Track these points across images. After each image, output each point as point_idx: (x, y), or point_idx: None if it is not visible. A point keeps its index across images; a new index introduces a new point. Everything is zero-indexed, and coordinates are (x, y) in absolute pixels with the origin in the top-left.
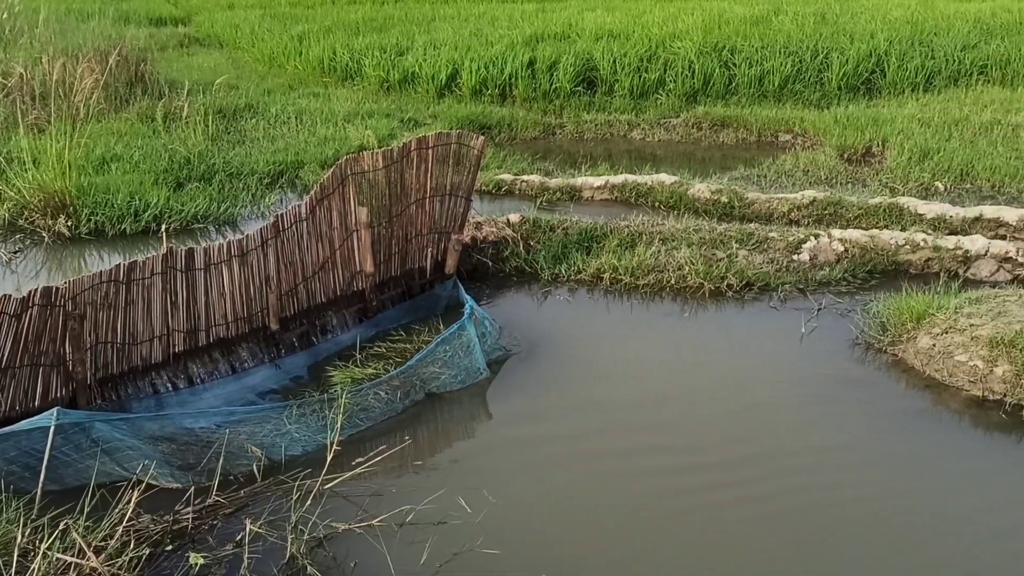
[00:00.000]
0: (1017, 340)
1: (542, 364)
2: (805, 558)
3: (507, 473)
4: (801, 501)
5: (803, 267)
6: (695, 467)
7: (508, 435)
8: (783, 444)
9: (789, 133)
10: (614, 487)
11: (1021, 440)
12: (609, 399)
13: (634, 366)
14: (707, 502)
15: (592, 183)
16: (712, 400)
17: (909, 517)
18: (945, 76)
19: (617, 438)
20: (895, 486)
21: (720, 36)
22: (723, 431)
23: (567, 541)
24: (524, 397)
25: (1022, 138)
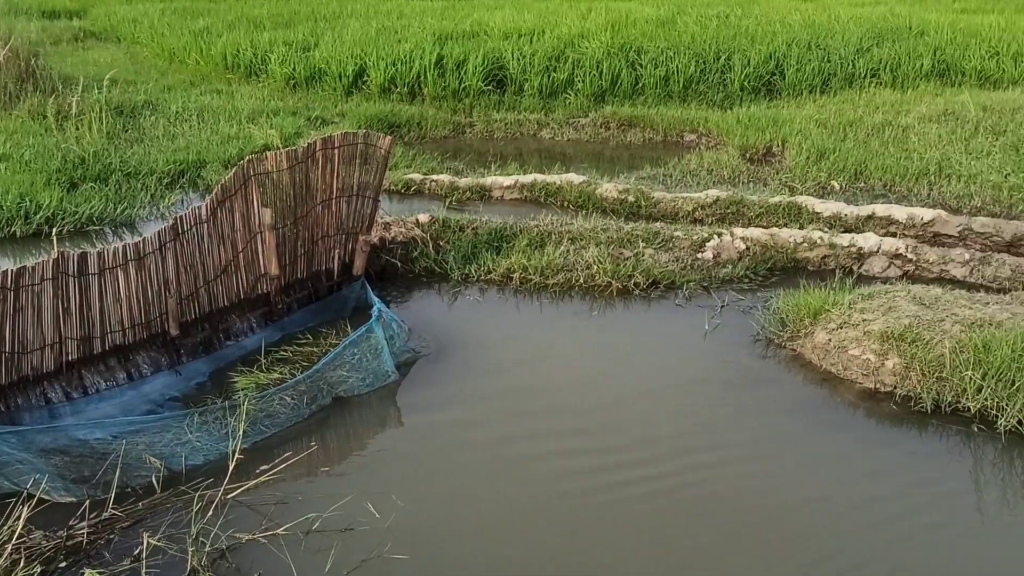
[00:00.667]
0: (906, 334)
1: (452, 366)
2: (707, 545)
3: (416, 476)
4: (704, 492)
5: (707, 265)
6: (606, 464)
7: (417, 438)
8: (689, 439)
9: (694, 133)
10: (525, 487)
11: (911, 430)
12: (519, 400)
13: (544, 366)
14: (618, 497)
15: (502, 182)
16: (620, 398)
17: (804, 505)
18: (840, 78)
19: (527, 439)
20: (792, 477)
21: (627, 37)
22: (631, 428)
23: (478, 543)
24: (433, 399)
25: (911, 139)
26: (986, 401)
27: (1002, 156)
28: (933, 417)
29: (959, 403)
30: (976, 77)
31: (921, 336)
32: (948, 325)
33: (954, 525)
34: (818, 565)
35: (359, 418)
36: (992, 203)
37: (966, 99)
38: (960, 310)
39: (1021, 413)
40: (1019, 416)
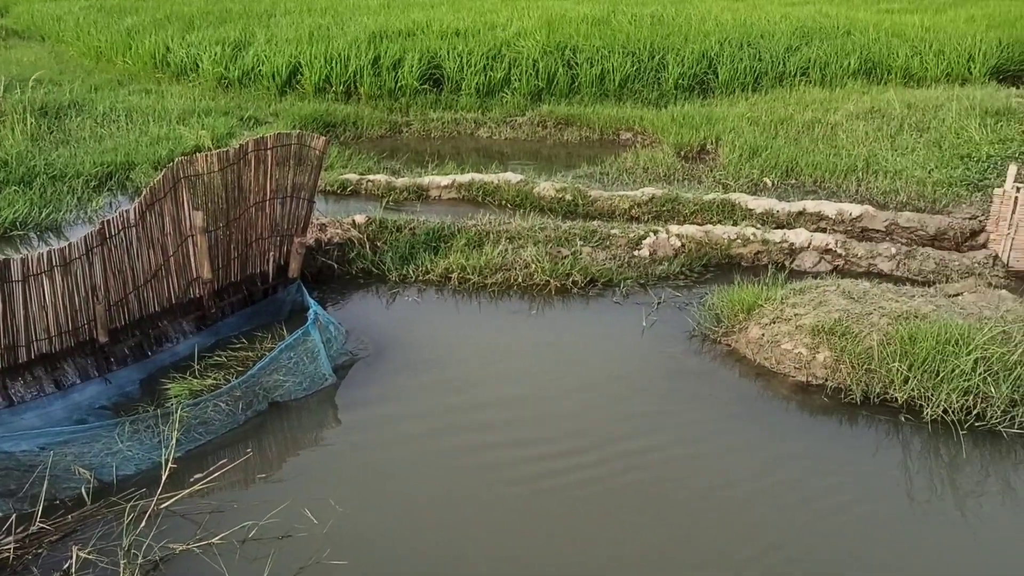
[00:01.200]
0: (836, 328)
1: (390, 367)
2: (645, 530)
3: (355, 480)
4: (640, 479)
5: (644, 262)
6: (545, 459)
7: (355, 441)
8: (626, 433)
9: (630, 131)
10: (464, 485)
11: (842, 421)
12: (459, 399)
13: (483, 365)
14: (556, 489)
15: (439, 182)
16: (560, 395)
17: (734, 492)
18: (772, 77)
19: (467, 437)
20: (723, 467)
21: (562, 36)
22: (571, 424)
23: (418, 543)
24: (372, 401)
25: (840, 136)
26: (912, 392)
27: (926, 152)
28: (863, 408)
29: (887, 394)
30: (901, 75)
31: (850, 329)
32: (876, 318)
33: (881, 510)
34: (742, 545)
35: (297, 422)
36: (917, 198)
37: (891, 97)
38: (887, 303)
39: (946, 403)
40: (944, 405)
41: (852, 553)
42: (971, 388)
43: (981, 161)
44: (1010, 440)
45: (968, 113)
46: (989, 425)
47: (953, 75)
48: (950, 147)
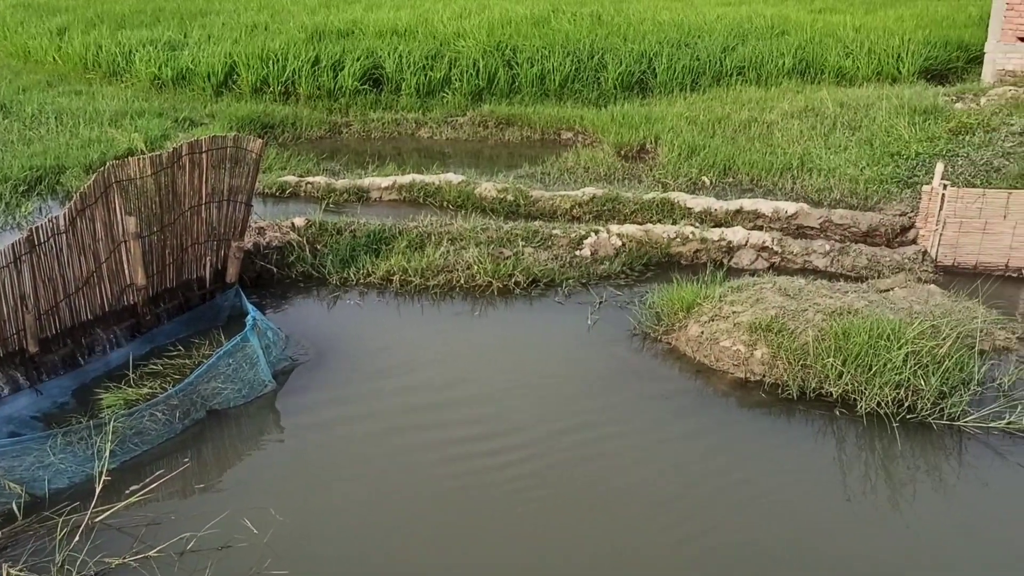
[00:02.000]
0: (773, 325)
1: (332, 372)
2: (591, 525)
3: (296, 487)
4: (584, 475)
5: (585, 262)
6: (490, 458)
7: (296, 448)
8: (571, 429)
9: (571, 131)
10: (407, 487)
11: (779, 417)
12: (401, 401)
13: (426, 368)
14: (499, 489)
15: (380, 183)
16: (504, 395)
17: (673, 487)
18: (709, 76)
19: (410, 439)
20: (664, 462)
21: (503, 35)
22: (515, 424)
23: (360, 550)
24: (313, 407)
25: (775, 135)
26: (847, 386)
27: (858, 150)
28: (799, 403)
29: (822, 389)
30: (834, 75)
31: (786, 326)
32: (811, 314)
33: (818, 502)
34: (678, 535)
35: (236, 431)
36: (850, 195)
37: (825, 96)
38: (822, 299)
39: (879, 396)
40: (877, 399)
41: (790, 543)
42: (902, 381)
43: (910, 159)
44: (939, 431)
45: (898, 112)
46: (920, 417)
47: (883, 74)
48: (881, 145)
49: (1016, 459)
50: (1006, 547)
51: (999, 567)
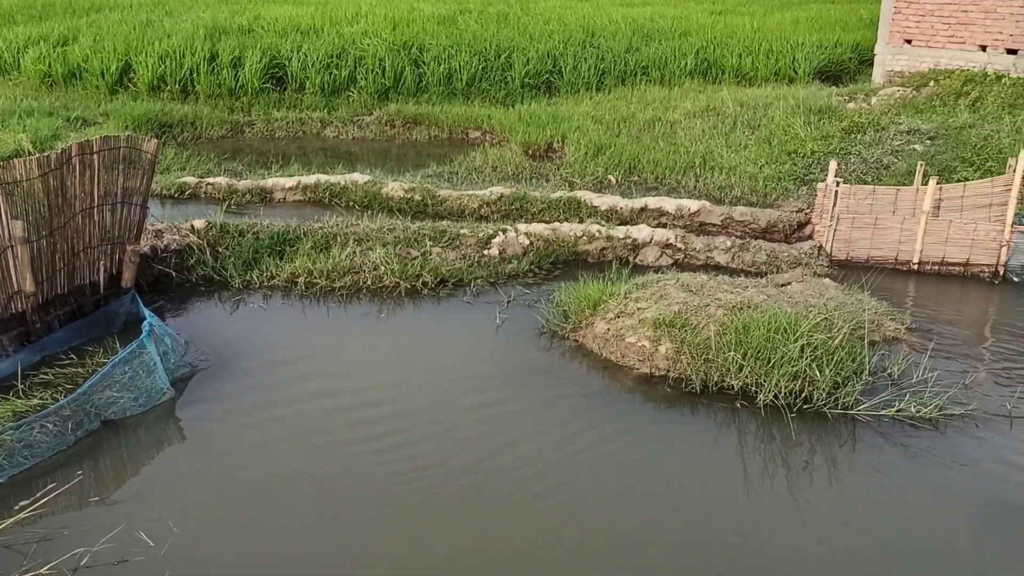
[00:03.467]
0: (676, 320)
1: (233, 378)
2: (500, 524)
3: (195, 499)
4: (493, 472)
5: (493, 261)
6: (397, 460)
7: (196, 458)
8: (479, 428)
9: (478, 130)
10: (310, 494)
11: (683, 411)
12: (306, 408)
13: (332, 371)
14: (411, 488)
15: (284, 184)
16: (412, 396)
17: (579, 482)
18: (614, 76)
19: (314, 444)
20: (572, 458)
21: (409, 34)
22: (424, 424)
23: (263, 558)
24: (213, 414)
25: (679, 134)
26: (747, 379)
27: (757, 149)
28: (702, 397)
29: (724, 382)
30: (734, 75)
31: (689, 321)
32: (713, 309)
33: (720, 491)
34: (586, 531)
35: (134, 440)
36: (750, 192)
37: (726, 96)
38: (723, 295)
39: (777, 388)
40: (775, 390)
41: (693, 534)
42: (799, 373)
43: (806, 157)
44: (834, 420)
45: (794, 111)
46: (816, 407)
47: (781, 75)
48: (779, 144)
49: (905, 445)
50: (895, 531)
51: (888, 549)
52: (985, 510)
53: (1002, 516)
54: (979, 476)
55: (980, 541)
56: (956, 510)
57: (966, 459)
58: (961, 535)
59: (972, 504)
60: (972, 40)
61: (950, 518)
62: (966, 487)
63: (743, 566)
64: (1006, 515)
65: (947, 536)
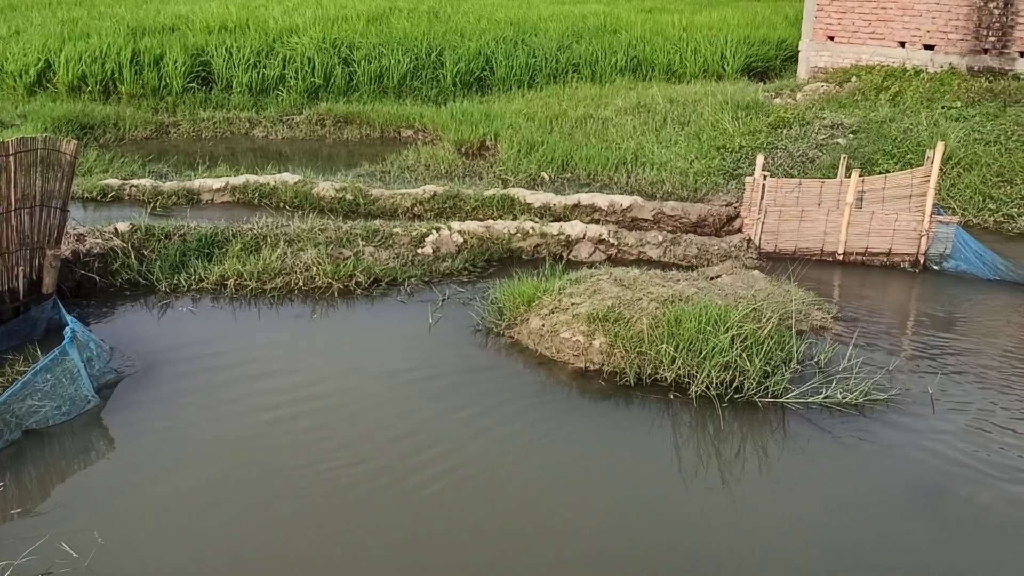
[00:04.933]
0: (609, 314)
1: (161, 382)
2: (440, 523)
3: (121, 508)
4: (427, 471)
5: (427, 260)
6: (331, 463)
7: (122, 466)
8: (413, 427)
9: (410, 129)
10: (241, 499)
11: (618, 403)
12: (235, 412)
13: (263, 373)
14: (345, 492)
15: (211, 185)
16: (346, 397)
17: (523, 480)
18: (545, 74)
19: (244, 454)
20: (510, 454)
21: (338, 32)
22: (358, 426)
23: (191, 568)
24: (140, 420)
25: (610, 130)
26: (680, 370)
27: (687, 144)
28: (637, 389)
29: (658, 374)
30: (663, 72)
31: (623, 315)
32: (645, 303)
33: (655, 482)
34: (533, 532)
35: (58, 450)
36: (680, 188)
37: (656, 93)
38: (655, 288)
39: (708, 379)
40: (707, 381)
41: (627, 525)
42: (729, 363)
43: (735, 152)
44: (764, 409)
45: (723, 107)
46: (747, 396)
47: (710, 71)
48: (708, 139)
49: (832, 431)
50: (824, 514)
51: (818, 532)
52: (908, 491)
53: (924, 496)
54: (902, 459)
55: (904, 521)
56: (881, 492)
57: (890, 443)
58: (886, 516)
59: (896, 486)
60: (891, 36)
61: (876, 500)
62: (890, 470)
63: (677, 555)
64: (928, 495)
65: (873, 517)
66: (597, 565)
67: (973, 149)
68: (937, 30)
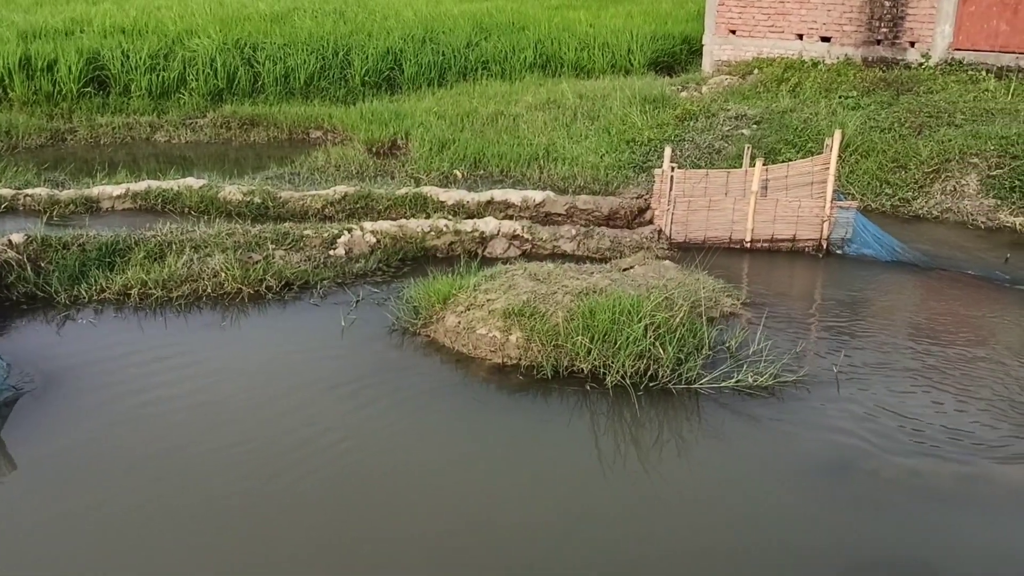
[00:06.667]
0: (525, 309)
1: (62, 399)
2: (358, 525)
3: (18, 533)
4: (351, 475)
5: (340, 261)
6: (242, 470)
7: (21, 485)
8: (329, 430)
9: (319, 130)
10: (148, 526)
11: (536, 397)
12: (141, 424)
13: (171, 386)
14: (258, 499)
15: (111, 192)
16: (258, 403)
17: (441, 478)
18: (455, 72)
19: (150, 471)
20: (429, 452)
21: (241, 33)
22: (271, 431)
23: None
24: (39, 438)
25: (521, 127)
26: (596, 361)
27: (597, 139)
28: (554, 382)
29: (574, 366)
30: (572, 68)
31: (538, 309)
32: (560, 296)
33: (574, 474)
34: (450, 529)
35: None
36: (592, 182)
37: (565, 88)
38: (569, 281)
39: (623, 368)
40: (622, 371)
41: (547, 517)
42: (644, 352)
43: (644, 145)
44: (679, 395)
45: (631, 101)
46: (661, 384)
47: (617, 67)
48: (617, 133)
49: (745, 414)
50: (739, 495)
51: (733, 513)
52: (818, 468)
53: (833, 472)
54: (811, 437)
55: (815, 498)
56: (792, 471)
57: (799, 422)
58: (798, 494)
59: (806, 464)
60: (790, 29)
61: (788, 479)
62: (800, 449)
63: (599, 545)
64: (836, 471)
65: (786, 496)
66: (519, 558)
67: (869, 136)
68: (832, 22)
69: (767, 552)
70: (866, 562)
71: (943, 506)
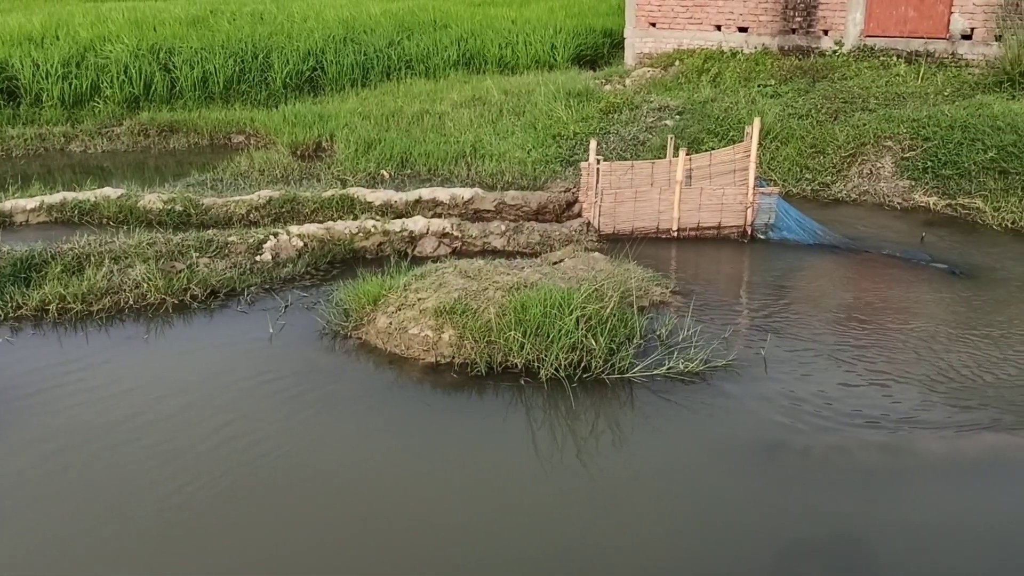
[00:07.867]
0: (456, 307)
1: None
2: (291, 526)
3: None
4: (281, 484)
5: (267, 267)
6: (169, 487)
7: None
8: (260, 438)
9: (242, 134)
10: (68, 543)
11: (471, 395)
12: (62, 444)
13: (92, 401)
14: (190, 512)
15: (24, 205)
16: (183, 416)
17: (371, 480)
18: (379, 71)
19: (70, 488)
20: (361, 455)
21: (156, 38)
22: (198, 443)
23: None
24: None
25: (447, 124)
26: (529, 355)
27: (523, 135)
28: (488, 378)
29: (508, 362)
30: (496, 64)
31: (470, 306)
32: (491, 292)
33: (512, 469)
34: (385, 528)
35: None
36: (520, 177)
37: (490, 85)
38: (500, 277)
39: (557, 361)
40: (556, 364)
41: (486, 514)
42: (576, 344)
43: (569, 139)
44: (612, 385)
45: (556, 96)
46: (595, 375)
47: (541, 62)
48: (543, 128)
49: (677, 400)
50: (674, 481)
51: (670, 499)
52: (750, 449)
53: (764, 453)
54: (742, 420)
55: (749, 478)
56: (725, 453)
57: (730, 406)
58: (731, 476)
59: (739, 445)
60: (708, 21)
61: (722, 460)
62: (732, 432)
63: (536, 538)
64: (768, 451)
65: (721, 477)
66: (460, 558)
67: (788, 124)
68: (749, 13)
69: (706, 534)
70: (802, 537)
71: (871, 480)
